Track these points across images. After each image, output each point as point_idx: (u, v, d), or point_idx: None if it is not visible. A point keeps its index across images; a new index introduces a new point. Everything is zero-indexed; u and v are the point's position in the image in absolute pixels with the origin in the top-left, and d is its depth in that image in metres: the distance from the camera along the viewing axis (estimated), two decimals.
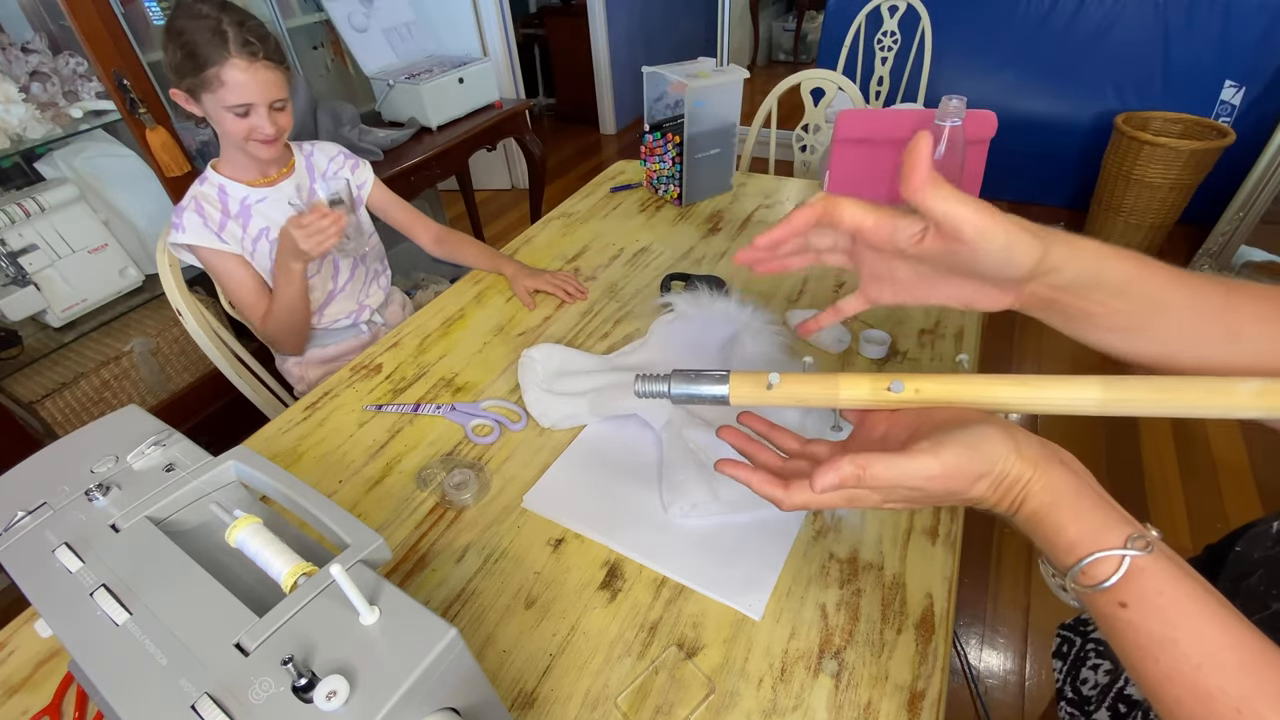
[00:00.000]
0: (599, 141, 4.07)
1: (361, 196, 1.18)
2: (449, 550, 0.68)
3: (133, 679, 0.34)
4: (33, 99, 1.42)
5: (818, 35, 4.11)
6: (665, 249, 1.22)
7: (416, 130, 2.09)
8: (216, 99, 0.92)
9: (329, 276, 1.16)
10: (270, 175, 1.06)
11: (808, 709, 0.53)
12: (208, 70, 0.89)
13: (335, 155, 1.16)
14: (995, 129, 1.08)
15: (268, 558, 0.38)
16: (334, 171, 1.15)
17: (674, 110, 1.33)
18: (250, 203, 1.04)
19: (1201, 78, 2.43)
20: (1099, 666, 0.62)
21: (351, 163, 1.18)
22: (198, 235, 0.99)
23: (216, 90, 0.91)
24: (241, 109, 0.93)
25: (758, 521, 0.68)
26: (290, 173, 1.09)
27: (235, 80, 0.90)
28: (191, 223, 0.99)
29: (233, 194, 1.03)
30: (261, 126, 0.95)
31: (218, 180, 1.03)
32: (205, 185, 1.03)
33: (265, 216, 1.06)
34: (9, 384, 1.45)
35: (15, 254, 1.41)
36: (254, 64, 0.91)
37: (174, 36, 0.89)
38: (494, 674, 0.57)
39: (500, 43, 2.71)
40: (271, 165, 1.06)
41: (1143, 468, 1.66)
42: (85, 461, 0.48)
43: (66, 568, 0.40)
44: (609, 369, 0.89)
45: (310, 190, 1.09)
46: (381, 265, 1.27)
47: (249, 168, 1.04)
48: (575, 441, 0.80)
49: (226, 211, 1.03)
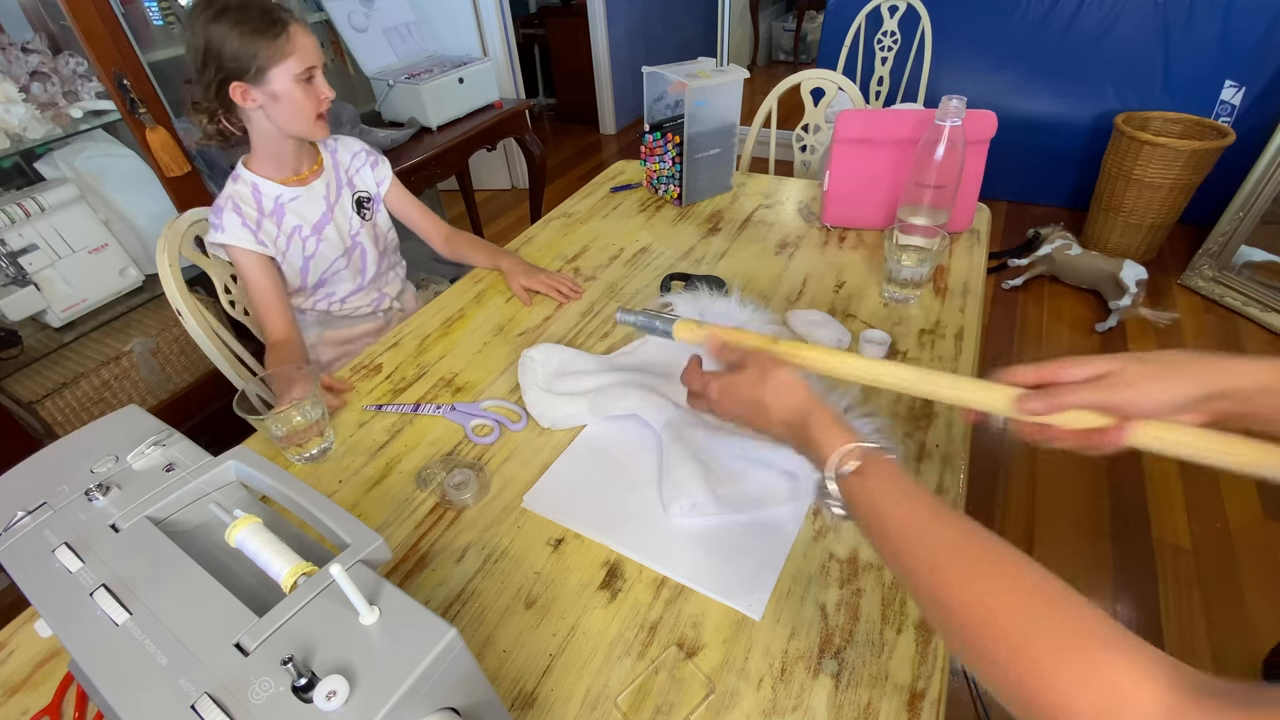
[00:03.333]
0: (599, 141, 4.07)
1: (380, 194, 1.20)
2: (449, 550, 0.68)
3: (133, 679, 0.34)
4: (33, 99, 1.42)
5: (818, 35, 4.11)
6: (665, 249, 1.22)
7: (416, 130, 2.09)
8: (286, 70, 0.94)
9: (357, 270, 1.19)
10: (302, 173, 1.08)
11: (808, 709, 0.53)
12: (277, 41, 0.92)
13: (358, 152, 1.18)
14: (995, 129, 1.08)
15: (268, 558, 0.38)
16: (356, 169, 1.17)
17: (674, 110, 1.33)
18: (284, 201, 1.06)
19: (1201, 78, 2.43)
20: None
21: (372, 159, 1.20)
22: (236, 235, 1.01)
23: (284, 61, 0.93)
24: (309, 73, 0.96)
25: (757, 521, 0.68)
26: (320, 170, 1.11)
27: (302, 43, 0.94)
28: (231, 222, 1.01)
29: (266, 192, 1.05)
30: (325, 89, 0.99)
31: (250, 178, 1.04)
32: (239, 184, 1.04)
33: (298, 215, 1.08)
34: (9, 384, 1.45)
35: (15, 254, 1.41)
36: (305, 28, 0.95)
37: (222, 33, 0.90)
38: (494, 674, 0.57)
39: (500, 43, 2.70)
40: (304, 160, 1.08)
41: (1143, 467, 1.66)
42: (85, 461, 0.48)
43: (66, 568, 0.40)
44: (609, 369, 0.89)
45: (338, 187, 1.12)
46: (397, 256, 1.31)
47: (282, 165, 1.06)
48: (575, 441, 0.80)
49: (261, 210, 1.05)
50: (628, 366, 0.90)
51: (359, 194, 1.16)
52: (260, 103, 0.96)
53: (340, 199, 1.13)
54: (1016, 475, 1.69)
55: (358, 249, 1.17)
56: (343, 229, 1.14)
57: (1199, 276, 2.30)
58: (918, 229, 1.01)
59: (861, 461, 0.45)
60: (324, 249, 1.11)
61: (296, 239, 1.08)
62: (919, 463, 0.74)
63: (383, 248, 1.22)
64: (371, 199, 1.18)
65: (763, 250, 1.20)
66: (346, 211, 1.14)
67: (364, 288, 1.21)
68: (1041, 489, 1.65)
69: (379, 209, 1.20)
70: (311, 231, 1.09)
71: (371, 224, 1.19)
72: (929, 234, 0.99)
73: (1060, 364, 0.50)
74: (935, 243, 0.97)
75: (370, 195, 1.18)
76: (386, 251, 1.24)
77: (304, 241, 1.09)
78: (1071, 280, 2.31)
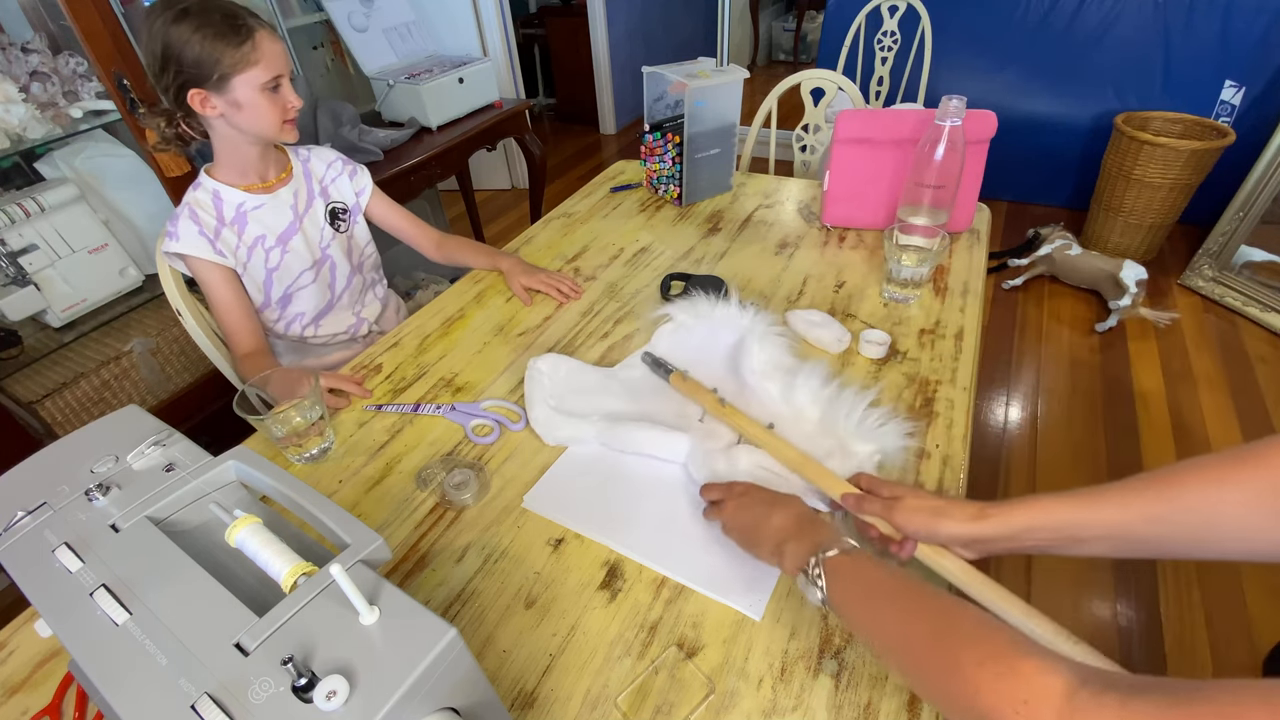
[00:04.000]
0: (599, 141, 4.07)
1: (359, 204, 1.16)
2: (449, 550, 0.68)
3: (133, 679, 0.34)
4: (33, 99, 1.42)
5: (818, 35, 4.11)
6: (665, 249, 1.22)
7: (416, 130, 2.09)
8: (250, 79, 0.89)
9: (326, 285, 1.13)
10: (269, 180, 1.04)
11: (808, 709, 0.53)
12: (242, 48, 0.87)
13: (333, 161, 1.14)
14: (995, 129, 1.08)
15: (268, 558, 0.38)
16: (332, 179, 1.13)
17: (674, 110, 1.33)
18: (247, 209, 1.02)
19: (1201, 78, 2.43)
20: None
21: (350, 169, 1.15)
22: (192, 244, 0.97)
23: (249, 69, 0.89)
24: (274, 82, 0.92)
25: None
26: (289, 178, 1.07)
27: (268, 51, 0.90)
28: (186, 230, 0.97)
29: (228, 199, 1.01)
30: (292, 98, 0.95)
31: (212, 186, 1.00)
32: (199, 191, 1.00)
33: (262, 224, 1.03)
34: (9, 384, 1.45)
35: (15, 254, 1.41)
36: (273, 35, 0.91)
37: (183, 37, 0.85)
38: (494, 674, 0.57)
39: (500, 43, 2.71)
40: (270, 167, 1.04)
41: (1143, 466, 1.66)
42: (85, 461, 0.48)
43: (66, 568, 0.40)
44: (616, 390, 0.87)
45: (308, 196, 1.08)
46: (377, 274, 1.26)
47: (246, 171, 1.01)
48: (575, 442, 0.80)
49: (221, 218, 1.00)
50: (634, 384, 0.88)
51: (334, 205, 1.11)
52: (221, 110, 0.91)
53: (311, 209, 1.09)
54: (1016, 475, 1.69)
55: (327, 262, 1.12)
56: (312, 240, 1.09)
57: (1199, 276, 2.30)
58: (918, 229, 1.01)
59: (839, 551, 0.52)
60: (289, 260, 1.07)
61: (259, 249, 1.03)
62: (919, 462, 0.74)
63: (357, 262, 1.18)
64: (348, 210, 1.14)
65: (763, 250, 1.20)
66: (318, 222, 1.10)
67: (333, 307, 1.16)
68: (1042, 489, 1.65)
69: (356, 221, 1.16)
70: (276, 242, 1.05)
71: (346, 236, 1.14)
72: (929, 234, 0.99)
73: (882, 481, 0.64)
74: (935, 243, 0.97)
75: (347, 207, 1.13)
76: (362, 268, 1.19)
77: (267, 253, 1.04)
78: (1071, 280, 2.31)
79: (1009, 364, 2.06)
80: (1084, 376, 1.99)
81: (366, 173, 1.18)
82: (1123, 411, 1.86)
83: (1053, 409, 1.89)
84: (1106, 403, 1.89)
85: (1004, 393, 1.96)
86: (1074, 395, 1.93)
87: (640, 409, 0.83)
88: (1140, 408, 1.87)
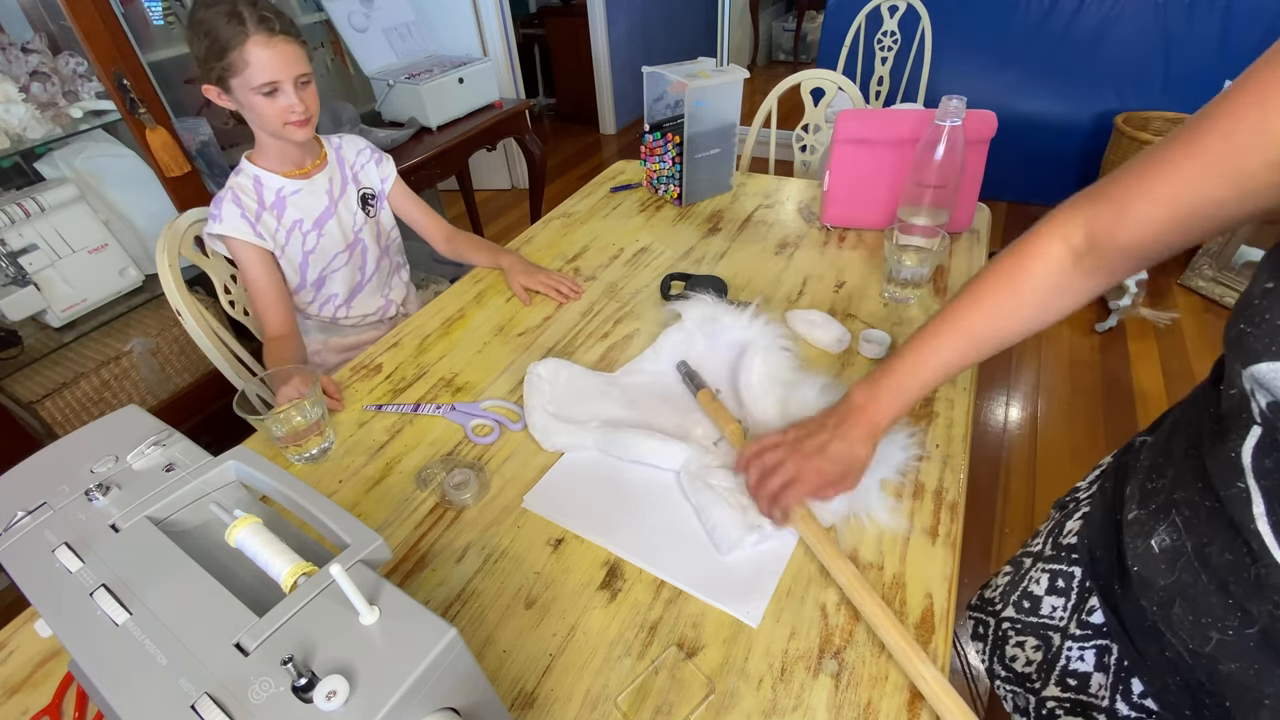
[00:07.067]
0: (599, 141, 4.07)
1: (384, 191, 1.20)
2: (449, 550, 0.68)
3: (133, 679, 0.34)
4: (33, 99, 1.42)
5: (818, 35, 4.11)
6: (665, 249, 1.22)
7: (416, 130, 2.09)
8: (244, 82, 0.92)
9: (357, 268, 1.19)
10: (305, 167, 1.08)
11: (808, 709, 0.53)
12: (231, 53, 0.90)
13: (362, 149, 1.18)
14: (995, 129, 1.08)
15: (268, 558, 0.38)
16: (361, 165, 1.17)
17: (674, 110, 1.33)
18: (285, 194, 1.06)
19: (1201, 78, 2.43)
20: (1024, 643, 0.63)
21: (376, 157, 1.20)
22: (234, 226, 1.01)
23: (243, 72, 0.92)
24: (268, 88, 0.93)
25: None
26: (324, 164, 1.11)
27: (259, 58, 0.91)
28: (229, 213, 1.01)
29: (268, 185, 1.05)
30: (293, 105, 0.96)
31: (253, 171, 1.05)
32: (240, 176, 1.04)
33: (300, 208, 1.08)
34: (9, 384, 1.45)
35: (15, 254, 1.41)
36: (273, 39, 0.92)
37: (195, 28, 0.91)
38: (494, 674, 0.57)
39: (500, 43, 2.70)
40: (306, 154, 1.08)
41: None
42: (85, 461, 0.48)
43: (66, 568, 0.40)
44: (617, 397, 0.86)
45: (343, 182, 1.12)
46: (401, 258, 1.30)
47: (284, 158, 1.05)
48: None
49: (262, 203, 1.05)
50: (635, 391, 0.87)
51: (364, 190, 1.16)
52: (232, 106, 0.96)
53: (345, 194, 1.14)
54: (1016, 475, 1.69)
55: (359, 245, 1.17)
56: (345, 225, 1.14)
57: (1199, 276, 2.30)
58: (918, 229, 1.01)
59: (873, 374, 0.65)
60: (325, 244, 1.11)
61: (297, 233, 1.08)
62: (919, 462, 0.74)
63: (385, 245, 1.23)
64: (376, 196, 1.19)
65: (763, 250, 1.20)
66: (351, 207, 1.15)
67: (364, 288, 1.21)
68: (1042, 489, 1.65)
69: (383, 206, 1.21)
70: (313, 226, 1.09)
71: (375, 220, 1.19)
72: (929, 234, 0.99)
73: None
74: (935, 243, 0.97)
75: (375, 192, 1.18)
76: (389, 251, 1.24)
77: (304, 236, 1.09)
78: None
79: (1009, 364, 2.06)
80: (1084, 376, 1.99)
81: (391, 161, 1.22)
82: (1123, 412, 1.86)
83: (1053, 409, 1.89)
84: (1106, 403, 1.89)
85: (1004, 393, 1.96)
86: (1074, 395, 1.93)
87: (640, 416, 0.83)
88: (1140, 408, 1.87)
